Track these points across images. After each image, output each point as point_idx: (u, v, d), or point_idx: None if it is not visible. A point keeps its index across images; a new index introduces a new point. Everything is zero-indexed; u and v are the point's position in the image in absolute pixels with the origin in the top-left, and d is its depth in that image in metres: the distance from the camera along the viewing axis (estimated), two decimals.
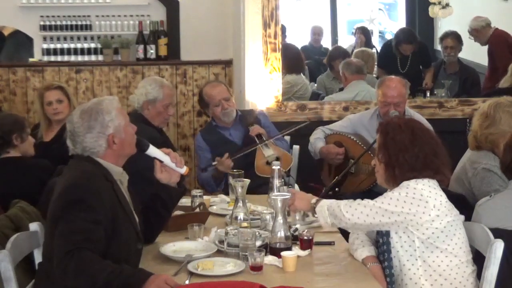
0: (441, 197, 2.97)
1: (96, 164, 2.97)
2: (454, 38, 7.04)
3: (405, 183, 2.97)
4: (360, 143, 4.81)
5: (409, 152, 3.00)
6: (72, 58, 6.81)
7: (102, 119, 2.98)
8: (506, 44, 6.89)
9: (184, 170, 3.23)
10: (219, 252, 3.08)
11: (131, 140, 3.09)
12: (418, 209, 2.90)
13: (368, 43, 8.54)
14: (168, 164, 3.21)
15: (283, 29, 6.88)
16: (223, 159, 4.54)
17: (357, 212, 2.95)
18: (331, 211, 3.04)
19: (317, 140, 4.97)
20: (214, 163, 4.60)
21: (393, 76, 4.98)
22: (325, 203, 3.08)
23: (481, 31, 6.98)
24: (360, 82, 6.17)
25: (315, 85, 7.47)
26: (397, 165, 3.01)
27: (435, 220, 2.91)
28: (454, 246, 2.95)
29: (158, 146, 4.22)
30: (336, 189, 4.85)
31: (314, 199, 3.14)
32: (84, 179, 2.86)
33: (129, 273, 2.72)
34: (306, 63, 7.77)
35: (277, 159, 4.56)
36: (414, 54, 7.20)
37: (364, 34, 8.63)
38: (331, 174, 5.02)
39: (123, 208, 2.96)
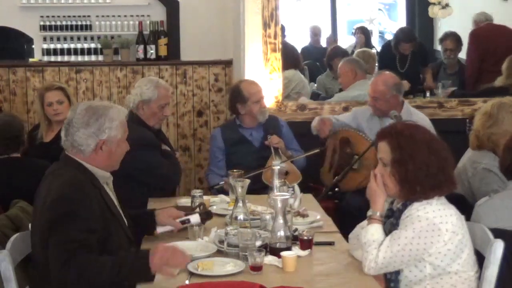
0: (451, 217, 2.90)
1: (81, 169, 2.97)
2: (453, 40, 7.03)
3: (415, 214, 2.89)
4: (366, 137, 4.84)
5: (429, 170, 2.92)
6: (72, 58, 6.81)
7: (102, 122, 2.98)
8: (472, 35, 6.94)
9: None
10: (219, 252, 3.08)
11: (119, 157, 3.09)
12: (432, 239, 2.85)
13: (368, 43, 8.54)
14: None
15: (282, 29, 6.87)
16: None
17: (378, 266, 2.88)
18: (360, 244, 2.99)
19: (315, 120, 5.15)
20: (221, 183, 4.62)
21: (385, 72, 5.09)
22: (366, 234, 2.96)
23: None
24: (365, 82, 6.10)
25: (315, 85, 7.47)
26: (418, 183, 2.91)
27: (447, 243, 2.86)
28: (463, 262, 2.91)
29: (153, 147, 4.22)
30: (336, 189, 4.86)
31: (370, 210, 3.04)
32: (74, 189, 2.86)
33: (130, 260, 2.74)
34: (306, 63, 7.77)
35: (286, 173, 4.62)
36: (413, 54, 7.21)
37: (364, 34, 8.64)
38: (330, 171, 5.02)
39: (112, 213, 2.99)
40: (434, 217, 2.87)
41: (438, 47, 7.90)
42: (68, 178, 2.91)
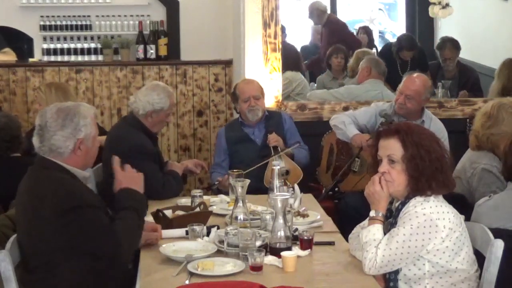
0: (448, 214, 2.91)
1: (64, 171, 2.99)
2: (452, 48, 6.91)
3: (412, 210, 2.90)
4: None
5: (442, 166, 2.94)
6: (72, 58, 6.82)
7: (77, 121, 2.99)
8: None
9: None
10: (219, 252, 3.08)
11: (94, 153, 3.12)
12: (430, 236, 2.85)
13: (370, 43, 8.53)
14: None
15: (283, 29, 6.87)
16: (224, 180, 4.54)
17: (377, 264, 2.87)
18: (361, 243, 2.98)
19: (350, 125, 4.88)
20: (216, 182, 4.65)
21: (421, 74, 5.05)
22: (368, 233, 2.96)
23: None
24: (378, 82, 6.12)
25: (315, 85, 7.47)
26: (433, 178, 2.92)
27: (445, 240, 2.86)
28: (462, 261, 2.91)
29: (148, 156, 4.09)
30: (336, 189, 4.86)
31: (373, 211, 3.01)
32: (79, 193, 2.93)
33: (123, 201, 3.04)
34: (306, 63, 7.76)
35: (287, 172, 4.62)
36: (413, 60, 7.23)
37: (367, 34, 8.62)
38: (328, 172, 5.02)
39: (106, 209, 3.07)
40: (431, 213, 2.88)
41: None
42: (65, 183, 2.94)
